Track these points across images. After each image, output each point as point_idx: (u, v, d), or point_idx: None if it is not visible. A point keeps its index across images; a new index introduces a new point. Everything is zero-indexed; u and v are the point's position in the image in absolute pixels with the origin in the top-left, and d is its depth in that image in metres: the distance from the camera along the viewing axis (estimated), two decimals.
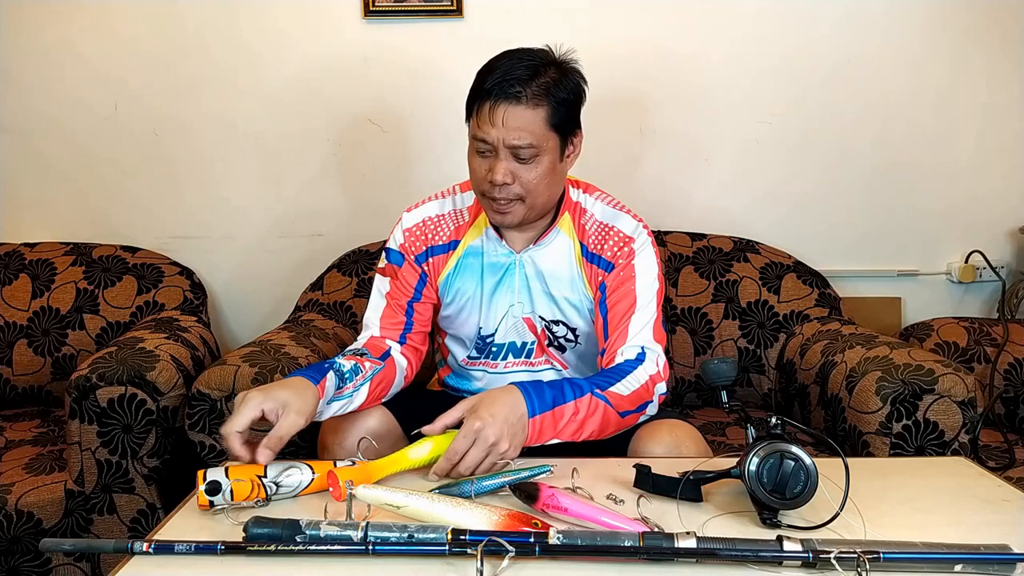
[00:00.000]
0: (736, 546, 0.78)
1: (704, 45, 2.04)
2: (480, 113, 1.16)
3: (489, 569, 0.75)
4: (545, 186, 1.20)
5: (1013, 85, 2.06)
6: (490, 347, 1.32)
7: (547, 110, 1.16)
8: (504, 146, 1.15)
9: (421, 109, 2.06)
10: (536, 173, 1.17)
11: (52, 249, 2.00)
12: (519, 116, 1.14)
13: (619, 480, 1.00)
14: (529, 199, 1.19)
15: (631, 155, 2.07)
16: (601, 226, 1.29)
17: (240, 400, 1.00)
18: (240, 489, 0.93)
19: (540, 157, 1.17)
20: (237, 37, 2.04)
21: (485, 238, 1.29)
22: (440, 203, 1.33)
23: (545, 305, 1.29)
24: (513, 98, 1.14)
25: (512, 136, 1.14)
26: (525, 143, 1.15)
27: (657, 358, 1.20)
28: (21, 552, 1.44)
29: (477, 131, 1.17)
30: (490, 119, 1.15)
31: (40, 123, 2.08)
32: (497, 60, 1.19)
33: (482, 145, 1.17)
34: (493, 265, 1.29)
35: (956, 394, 1.43)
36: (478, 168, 1.20)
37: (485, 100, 1.15)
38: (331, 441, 1.19)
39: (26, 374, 1.89)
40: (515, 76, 1.14)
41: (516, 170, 1.17)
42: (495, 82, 1.15)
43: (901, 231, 2.13)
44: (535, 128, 1.15)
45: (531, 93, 1.14)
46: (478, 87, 1.18)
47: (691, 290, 1.91)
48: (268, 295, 2.15)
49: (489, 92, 1.15)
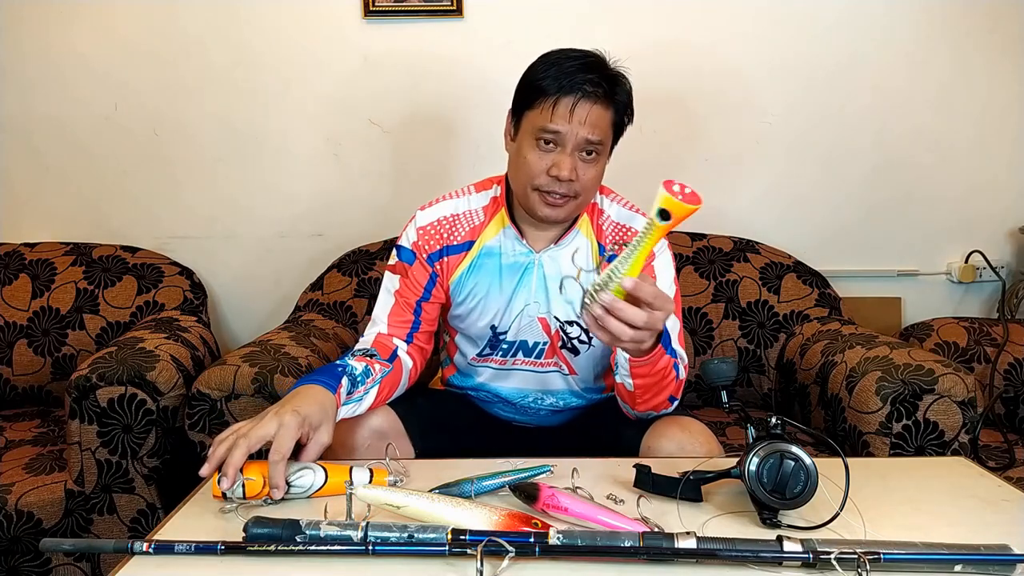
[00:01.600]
0: (736, 546, 0.78)
1: (703, 45, 2.04)
2: (556, 108, 1.16)
3: (489, 569, 0.75)
4: (596, 187, 1.24)
5: (1013, 85, 2.06)
6: (500, 344, 1.32)
7: (614, 111, 1.19)
8: (576, 141, 1.17)
9: (421, 109, 2.06)
10: (595, 172, 1.21)
11: (52, 249, 2.00)
12: (597, 113, 1.17)
13: (619, 480, 1.00)
14: (583, 197, 1.22)
15: (631, 155, 2.06)
16: (617, 226, 1.30)
17: (277, 423, 0.97)
18: (252, 487, 0.93)
19: (600, 156, 1.21)
20: (237, 37, 2.04)
21: (503, 237, 1.29)
22: (454, 203, 1.32)
23: (561, 306, 1.29)
24: (593, 96, 1.16)
25: (588, 131, 1.16)
26: (597, 139, 1.17)
27: (686, 367, 1.22)
28: (21, 552, 1.44)
29: (547, 123, 1.16)
30: (569, 114, 1.15)
31: (40, 123, 2.08)
32: (561, 58, 1.19)
33: (549, 137, 1.17)
34: (511, 264, 1.29)
35: (956, 394, 1.43)
36: (536, 162, 1.19)
37: (563, 95, 1.16)
38: (335, 440, 1.18)
39: (26, 374, 1.89)
40: (593, 76, 1.16)
41: (579, 167, 1.18)
42: (573, 79, 1.16)
43: (901, 231, 2.13)
44: (605, 125, 1.19)
45: (605, 93, 1.17)
46: (546, 83, 1.17)
47: (691, 290, 1.91)
48: (268, 295, 2.15)
49: (568, 88, 1.16)
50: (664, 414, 1.22)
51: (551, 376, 1.34)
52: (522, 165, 1.21)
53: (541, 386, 1.35)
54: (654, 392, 1.15)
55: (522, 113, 1.21)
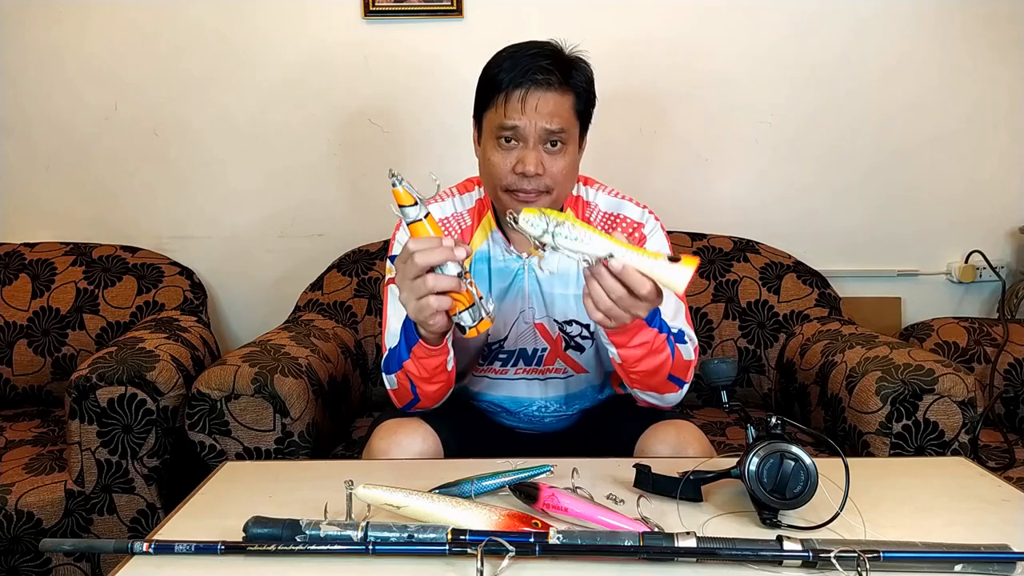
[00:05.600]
0: (736, 546, 0.78)
1: (703, 45, 2.04)
2: (508, 102, 1.13)
3: (489, 569, 0.75)
4: (570, 178, 1.19)
5: (1013, 85, 2.06)
6: (497, 354, 1.29)
7: (573, 96, 1.15)
8: (536, 133, 1.13)
9: (421, 109, 2.06)
10: (564, 163, 1.16)
11: (52, 249, 2.00)
12: (551, 101, 1.12)
13: (619, 480, 1.00)
14: (556, 191, 1.17)
15: (631, 156, 2.07)
16: (607, 216, 1.27)
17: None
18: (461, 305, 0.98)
19: (567, 146, 1.16)
20: (237, 37, 2.04)
21: (491, 242, 1.26)
22: (441, 206, 1.29)
23: (557, 307, 1.26)
24: (544, 84, 1.12)
25: (545, 121, 1.12)
26: (558, 127, 1.13)
27: (696, 349, 1.19)
28: (21, 552, 1.44)
29: (504, 120, 1.13)
30: (521, 107, 1.12)
31: (40, 122, 2.08)
32: (513, 52, 1.16)
33: (507, 134, 1.14)
34: (501, 271, 1.26)
35: (956, 394, 1.43)
36: (500, 162, 1.15)
37: (513, 89, 1.12)
38: (379, 448, 1.15)
39: (26, 374, 1.89)
40: (542, 64, 1.12)
41: (545, 160, 1.15)
42: (522, 70, 1.12)
43: (901, 231, 2.13)
44: (565, 113, 1.14)
45: (559, 79, 1.13)
46: (498, 78, 1.14)
47: (691, 290, 1.91)
48: (268, 295, 2.15)
49: (518, 80, 1.12)
50: (668, 415, 1.21)
51: (553, 382, 1.32)
52: (488, 167, 1.17)
53: (543, 393, 1.32)
54: (646, 371, 1.11)
55: (481, 115, 1.19)
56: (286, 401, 1.45)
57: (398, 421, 1.17)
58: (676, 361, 1.13)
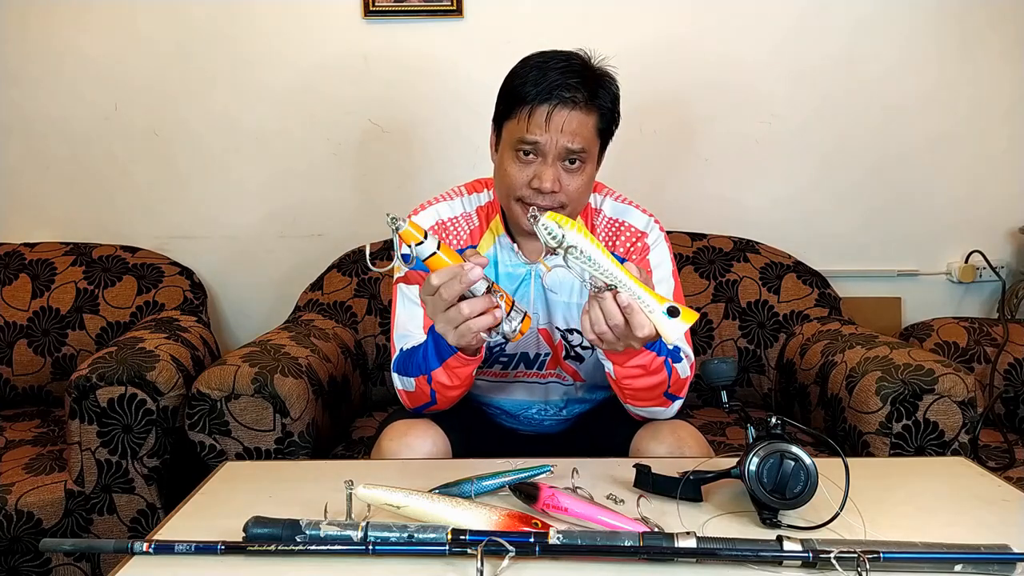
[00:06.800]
0: (736, 546, 0.78)
1: (704, 45, 2.04)
2: (532, 117, 1.11)
3: (489, 569, 0.75)
4: (585, 194, 1.18)
5: (1013, 85, 2.06)
6: (498, 357, 1.29)
7: (597, 115, 1.14)
8: (556, 150, 1.11)
9: (421, 109, 2.06)
10: (581, 181, 1.15)
11: (52, 249, 2.00)
12: (575, 120, 1.11)
13: (619, 480, 1.00)
14: (570, 207, 1.15)
15: (631, 156, 2.07)
16: (612, 222, 1.27)
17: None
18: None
19: (586, 164, 1.15)
20: (237, 37, 2.04)
21: (499, 247, 1.25)
22: (449, 205, 1.28)
23: (560, 314, 1.26)
24: (570, 103, 1.10)
25: (567, 140, 1.11)
26: (579, 147, 1.12)
27: (692, 364, 1.18)
28: (21, 552, 1.44)
29: (524, 134, 1.11)
30: (546, 123, 1.10)
31: (41, 122, 2.08)
32: (540, 63, 1.14)
33: (527, 148, 1.12)
34: (509, 275, 1.25)
35: (956, 394, 1.43)
36: (517, 174, 1.14)
37: (539, 104, 1.10)
38: (389, 449, 1.15)
39: (26, 374, 1.89)
40: (570, 81, 1.10)
41: (562, 177, 1.13)
42: (549, 86, 1.10)
43: (901, 231, 2.13)
44: (587, 132, 1.13)
45: (585, 98, 1.11)
46: (523, 90, 1.12)
47: (691, 290, 1.91)
48: (268, 295, 2.15)
49: (544, 96, 1.10)
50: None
51: (553, 387, 1.32)
52: (504, 177, 1.16)
53: (543, 397, 1.33)
54: (641, 388, 1.11)
55: (502, 123, 1.17)
56: (286, 401, 1.45)
57: (408, 422, 1.17)
58: (672, 380, 1.12)
